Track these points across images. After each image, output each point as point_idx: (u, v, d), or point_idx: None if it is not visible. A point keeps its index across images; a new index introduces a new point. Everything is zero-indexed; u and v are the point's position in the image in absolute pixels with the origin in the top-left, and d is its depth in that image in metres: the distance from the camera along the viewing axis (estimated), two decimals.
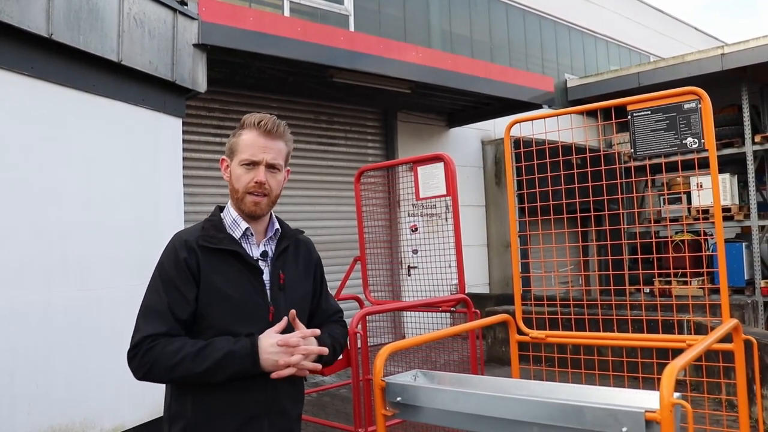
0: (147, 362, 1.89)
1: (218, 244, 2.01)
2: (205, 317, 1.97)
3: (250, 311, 2.00)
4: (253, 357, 1.89)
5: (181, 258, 1.97)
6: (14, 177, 4.41)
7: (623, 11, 16.71)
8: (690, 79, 11.17)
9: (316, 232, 9.80)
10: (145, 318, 1.96)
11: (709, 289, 3.71)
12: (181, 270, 1.96)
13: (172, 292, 1.95)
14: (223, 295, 1.97)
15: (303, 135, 9.72)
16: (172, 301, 1.95)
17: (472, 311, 4.16)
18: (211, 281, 1.97)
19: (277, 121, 2.11)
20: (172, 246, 2.03)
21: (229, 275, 2.00)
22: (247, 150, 2.06)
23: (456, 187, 4.46)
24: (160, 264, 2.03)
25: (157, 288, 1.98)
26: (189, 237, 2.03)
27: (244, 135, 2.09)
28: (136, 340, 1.93)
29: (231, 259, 2.02)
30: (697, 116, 2.80)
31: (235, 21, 6.78)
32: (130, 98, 5.38)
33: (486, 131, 12.32)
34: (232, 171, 2.10)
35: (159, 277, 2.00)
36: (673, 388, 1.78)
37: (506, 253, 11.77)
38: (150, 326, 1.93)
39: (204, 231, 2.05)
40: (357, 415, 3.67)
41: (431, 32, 11.77)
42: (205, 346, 1.89)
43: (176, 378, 1.91)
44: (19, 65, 4.47)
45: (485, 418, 2.01)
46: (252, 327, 1.97)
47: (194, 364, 1.86)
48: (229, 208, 2.14)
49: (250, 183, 2.05)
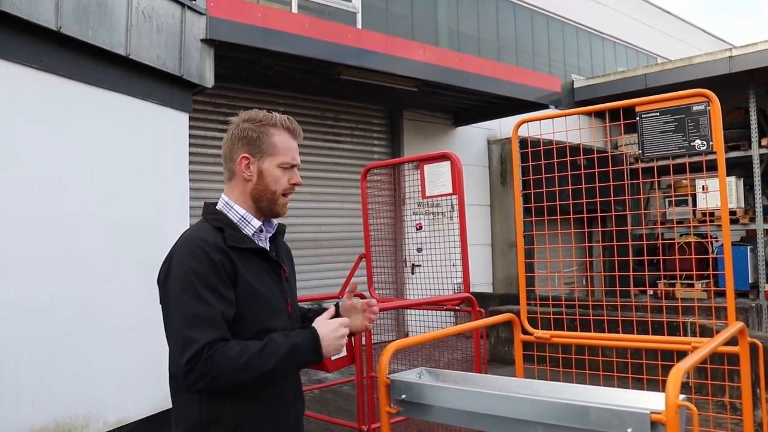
0: (208, 371, 1.80)
1: (244, 244, 2.00)
2: (242, 317, 1.94)
3: (276, 306, 2.04)
4: (316, 347, 1.92)
5: (216, 260, 1.90)
6: (20, 170, 4.42)
7: (631, 12, 16.67)
8: (697, 82, 11.15)
9: (321, 228, 9.81)
10: (196, 327, 1.85)
11: (714, 291, 3.69)
12: (219, 272, 1.90)
13: (216, 295, 1.88)
14: (256, 293, 1.97)
15: (309, 132, 9.72)
16: (220, 304, 1.88)
17: (477, 310, 4.16)
18: (246, 281, 1.96)
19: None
20: (200, 249, 1.92)
21: (257, 273, 2.00)
22: (288, 153, 2.06)
23: (462, 186, 4.46)
24: (191, 269, 1.90)
25: (199, 294, 1.87)
26: (213, 238, 1.96)
27: (276, 136, 2.07)
28: (194, 350, 1.81)
29: (254, 257, 2.01)
30: (705, 118, 2.79)
31: (243, 17, 6.79)
32: (137, 92, 5.39)
33: (492, 131, 12.31)
34: (264, 171, 2.05)
35: (196, 282, 1.88)
36: (679, 390, 1.78)
37: (510, 253, 11.77)
38: (204, 334, 1.83)
39: (226, 232, 1.99)
40: (360, 412, 3.67)
41: (438, 30, 11.76)
42: (266, 345, 1.86)
43: (242, 381, 1.85)
44: (28, 58, 4.48)
45: (490, 417, 2.02)
46: (279, 320, 2.02)
47: (261, 362, 1.84)
48: (232, 205, 2.08)
49: (287, 185, 2.07)
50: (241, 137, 2.07)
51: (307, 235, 9.62)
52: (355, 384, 3.83)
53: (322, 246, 9.80)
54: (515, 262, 11.57)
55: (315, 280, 9.42)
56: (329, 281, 9.28)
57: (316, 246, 9.72)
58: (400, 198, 5.86)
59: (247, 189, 2.07)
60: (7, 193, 4.31)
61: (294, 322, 2.12)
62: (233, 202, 2.08)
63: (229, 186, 2.11)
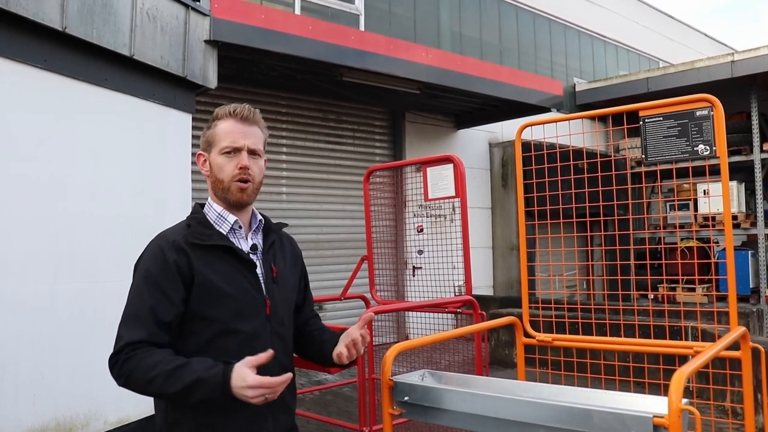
0: (125, 372, 1.82)
1: (208, 241, 1.96)
2: (204, 316, 1.92)
3: (248, 306, 1.97)
4: (223, 387, 1.77)
5: (170, 260, 1.90)
6: (24, 169, 4.43)
7: (633, 16, 16.69)
8: (699, 86, 11.15)
9: (322, 230, 9.82)
10: (126, 324, 1.89)
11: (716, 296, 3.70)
12: (169, 272, 1.90)
13: (156, 294, 1.89)
14: (220, 292, 1.92)
15: (311, 133, 9.74)
16: (155, 303, 1.88)
17: (479, 313, 4.16)
18: (206, 279, 1.92)
19: (251, 107, 2.09)
20: (158, 248, 1.95)
21: (223, 271, 1.95)
22: (227, 138, 2.02)
23: (465, 189, 4.46)
24: (144, 268, 1.94)
25: (140, 292, 1.91)
26: (176, 237, 1.97)
27: (220, 125, 2.05)
28: (117, 347, 1.86)
29: (223, 255, 1.97)
30: (709, 123, 2.80)
31: (246, 18, 6.81)
32: (140, 93, 5.40)
33: (493, 133, 12.32)
34: (212, 162, 2.05)
35: (143, 280, 1.93)
36: (682, 394, 1.79)
37: (511, 256, 11.77)
38: (130, 333, 1.86)
39: (191, 228, 1.99)
40: (362, 414, 3.68)
41: (441, 33, 11.78)
42: (179, 367, 1.79)
43: (151, 393, 1.85)
44: (33, 58, 4.49)
45: (493, 420, 2.02)
46: (251, 322, 1.96)
47: (166, 383, 1.78)
48: (211, 204, 2.08)
49: (234, 170, 2.01)
50: (201, 136, 2.12)
51: (308, 236, 9.63)
52: (357, 386, 3.84)
53: (323, 247, 9.80)
54: (516, 265, 11.58)
55: (316, 281, 9.41)
56: (330, 282, 9.28)
57: (317, 247, 9.73)
58: (402, 200, 5.86)
59: (210, 185, 2.08)
60: (10, 191, 4.32)
61: (276, 324, 2.04)
62: (211, 201, 2.09)
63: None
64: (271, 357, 1.85)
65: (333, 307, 9.50)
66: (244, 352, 1.88)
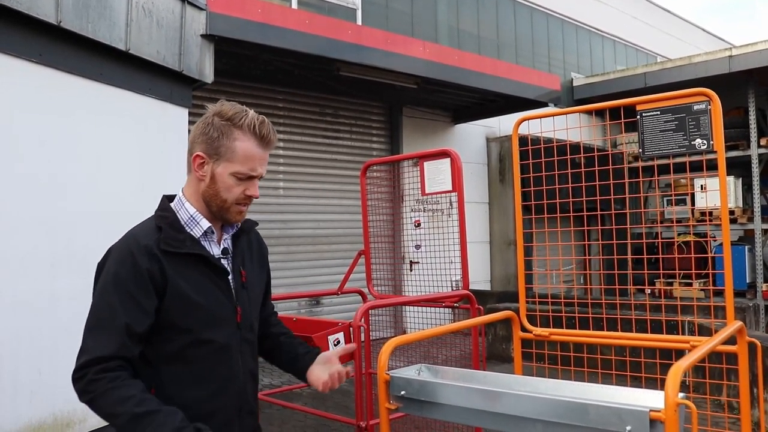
0: (90, 392, 1.71)
1: (181, 248, 1.84)
2: (174, 325, 1.82)
3: (219, 316, 1.88)
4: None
5: (143, 268, 1.77)
6: (22, 166, 4.42)
7: (631, 11, 16.67)
8: (697, 81, 11.15)
9: (319, 225, 9.81)
10: (94, 334, 1.75)
11: (712, 291, 3.70)
12: (142, 280, 1.77)
13: (128, 303, 1.75)
14: (192, 302, 1.82)
15: (308, 128, 9.72)
16: (127, 313, 1.75)
17: (476, 307, 4.17)
18: (178, 288, 1.81)
19: (272, 126, 1.94)
20: (128, 251, 1.81)
21: (195, 280, 1.85)
22: (246, 163, 1.86)
23: (462, 184, 4.46)
24: (114, 272, 1.79)
25: (110, 300, 1.77)
26: (147, 240, 1.82)
27: (239, 141, 1.86)
28: (83, 361, 1.72)
29: (196, 262, 1.86)
30: (706, 117, 2.79)
31: (243, 12, 6.78)
32: (137, 87, 5.39)
33: (491, 128, 12.32)
34: (217, 176, 1.87)
35: (113, 286, 1.78)
36: (679, 388, 1.78)
37: (508, 251, 11.78)
38: (99, 346, 1.73)
39: (163, 233, 1.84)
40: (359, 409, 3.68)
41: (438, 28, 11.76)
42: (147, 414, 1.67)
43: (112, 425, 1.74)
44: (28, 52, 4.48)
45: (490, 414, 2.02)
46: (222, 331, 1.88)
47: (129, 426, 1.68)
48: (183, 202, 1.93)
49: (241, 194, 1.89)
50: (203, 132, 1.89)
51: (305, 231, 9.62)
52: (354, 380, 3.84)
53: (320, 242, 9.80)
54: (513, 260, 11.60)
55: (313, 276, 9.43)
56: (327, 277, 9.28)
57: (314, 242, 9.73)
58: (399, 195, 5.85)
59: (199, 188, 1.91)
60: (8, 188, 4.31)
61: (245, 331, 1.97)
62: (185, 199, 1.94)
63: (186, 180, 1.97)
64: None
65: (330, 302, 9.51)
66: (213, 363, 1.87)
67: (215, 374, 1.88)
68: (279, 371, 7.98)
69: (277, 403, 5.16)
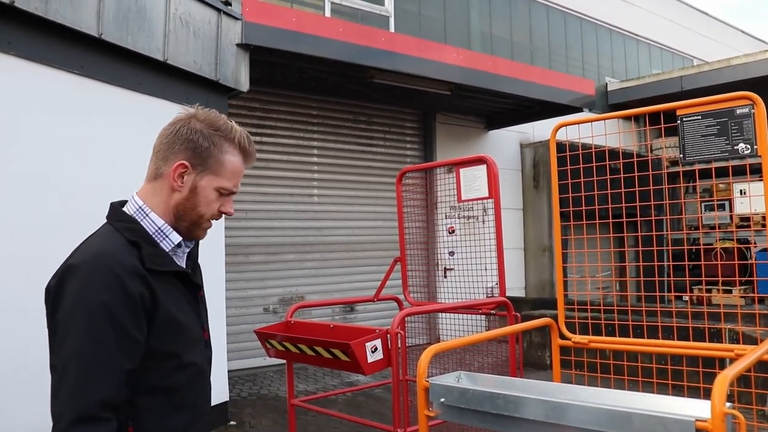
0: None
1: (165, 266, 1.67)
2: (159, 350, 1.62)
3: (195, 335, 1.76)
4: None
5: (135, 292, 1.54)
6: (60, 173, 4.51)
7: (666, 14, 16.45)
8: (735, 83, 10.95)
9: (354, 232, 9.84)
10: (91, 378, 1.48)
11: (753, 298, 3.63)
12: (135, 307, 1.55)
13: (123, 338, 1.52)
14: (177, 323, 1.67)
15: (342, 135, 9.77)
16: (123, 350, 1.52)
17: (512, 314, 4.14)
18: (167, 311, 1.63)
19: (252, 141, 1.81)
20: (114, 276, 1.53)
21: (177, 299, 1.69)
22: (232, 179, 1.74)
23: (498, 190, 4.44)
24: (99, 301, 1.51)
25: (99, 334, 1.50)
26: (129, 260, 1.59)
27: (230, 155, 1.73)
28: (83, 411, 1.45)
29: (173, 280, 1.71)
30: (750, 121, 2.74)
31: (277, 21, 6.86)
32: (174, 97, 5.47)
33: (525, 134, 12.24)
34: (199, 189, 1.71)
35: (102, 318, 1.50)
36: (726, 397, 1.75)
37: (543, 257, 11.67)
38: (99, 390, 1.48)
39: (143, 249, 1.63)
40: (396, 415, 3.67)
41: (471, 34, 11.74)
42: None
43: None
44: (70, 64, 4.59)
45: (530, 422, 2.00)
46: (198, 352, 1.76)
47: None
48: (147, 213, 1.71)
49: (215, 211, 1.75)
50: (188, 139, 1.70)
51: (339, 238, 9.66)
52: (389, 387, 3.84)
53: (354, 249, 9.82)
54: (548, 267, 11.49)
55: (347, 283, 9.45)
56: (361, 284, 9.30)
57: (349, 249, 9.76)
58: (433, 201, 5.85)
59: (171, 200, 1.72)
60: (48, 195, 4.40)
61: (209, 350, 1.85)
62: (149, 209, 1.71)
63: (148, 186, 1.76)
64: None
65: (364, 308, 9.52)
66: (193, 387, 1.74)
67: (194, 399, 1.75)
68: (314, 377, 8.01)
69: (313, 409, 5.18)
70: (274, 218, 8.95)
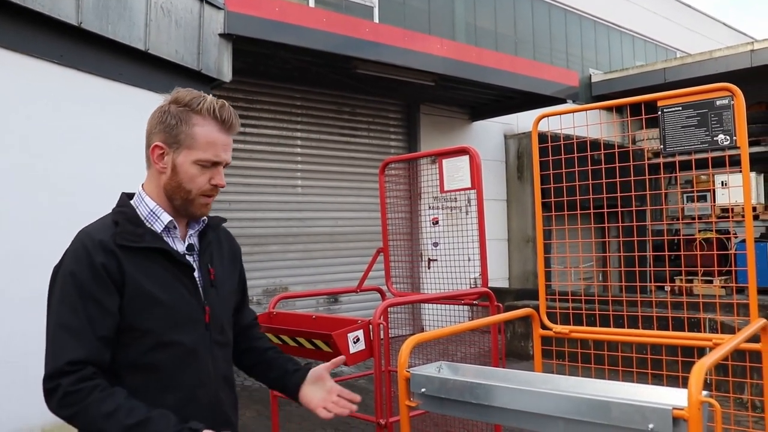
0: (68, 407, 1.58)
1: (139, 242, 1.71)
2: (136, 327, 1.69)
3: (184, 315, 1.76)
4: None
5: (97, 262, 1.64)
6: (42, 165, 4.46)
7: (650, 6, 16.52)
8: (717, 76, 11.02)
9: (337, 222, 9.84)
10: (59, 340, 1.62)
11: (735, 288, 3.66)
12: (99, 277, 1.64)
13: (90, 305, 1.63)
14: (154, 299, 1.70)
15: (325, 126, 9.74)
16: (92, 316, 1.63)
17: (495, 305, 4.15)
18: (138, 286, 1.68)
19: (234, 111, 1.83)
20: (83, 248, 1.67)
21: (157, 276, 1.72)
22: (209, 150, 1.75)
23: (481, 181, 4.44)
24: (68, 272, 1.66)
25: (71, 302, 1.63)
26: (102, 236, 1.69)
27: (199, 126, 1.75)
28: (53, 368, 1.59)
29: (157, 258, 1.73)
30: (729, 113, 2.76)
31: (260, 11, 6.81)
32: (156, 87, 5.42)
33: (509, 125, 12.26)
34: (178, 166, 1.76)
35: (71, 287, 1.64)
36: (702, 386, 1.77)
37: (527, 248, 11.73)
38: (68, 351, 1.60)
39: (119, 227, 1.72)
40: (378, 406, 3.68)
41: (456, 25, 11.72)
42: (139, 424, 1.57)
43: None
44: (50, 54, 4.53)
45: (511, 412, 2.01)
46: (189, 333, 1.77)
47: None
48: (143, 197, 1.81)
49: (205, 185, 1.78)
50: (160, 121, 1.78)
51: (323, 229, 9.65)
52: (372, 378, 3.84)
53: (338, 240, 9.82)
54: (532, 258, 11.54)
55: (331, 274, 9.45)
56: (345, 275, 9.30)
57: (332, 240, 9.75)
58: (417, 192, 5.85)
59: (161, 182, 1.79)
60: (28, 187, 4.35)
61: (216, 333, 1.85)
62: (145, 194, 1.82)
63: (147, 174, 1.85)
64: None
65: (348, 299, 9.53)
66: (179, 368, 1.75)
67: (182, 380, 1.75)
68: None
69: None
70: (257, 209, 8.91)
